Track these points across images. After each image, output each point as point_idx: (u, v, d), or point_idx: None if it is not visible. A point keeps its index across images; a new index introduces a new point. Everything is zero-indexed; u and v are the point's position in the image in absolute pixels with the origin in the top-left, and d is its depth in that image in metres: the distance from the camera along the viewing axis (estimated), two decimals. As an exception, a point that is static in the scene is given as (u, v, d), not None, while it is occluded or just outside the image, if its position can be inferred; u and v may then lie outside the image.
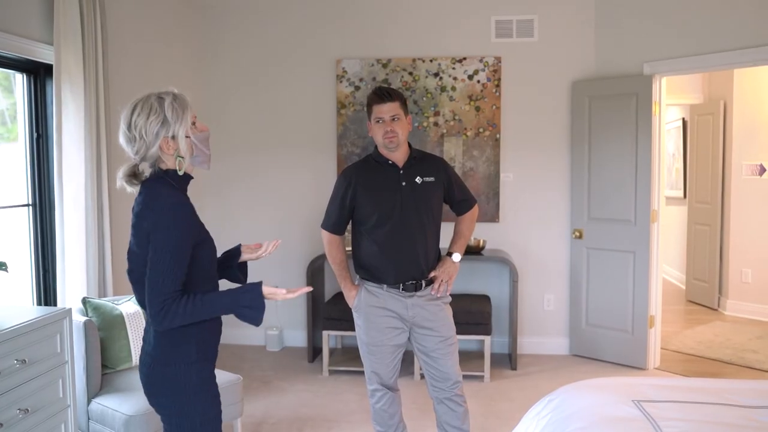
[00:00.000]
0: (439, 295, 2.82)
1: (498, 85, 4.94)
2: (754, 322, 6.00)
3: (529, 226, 5.04)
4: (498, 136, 4.96)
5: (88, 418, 2.97)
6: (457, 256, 2.87)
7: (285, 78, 5.17)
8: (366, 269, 2.85)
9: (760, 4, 4.08)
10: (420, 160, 2.84)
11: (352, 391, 4.25)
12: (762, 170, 6.08)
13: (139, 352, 1.95)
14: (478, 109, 4.96)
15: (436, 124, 5.00)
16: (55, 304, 3.46)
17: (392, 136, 2.71)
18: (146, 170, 1.88)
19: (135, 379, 3.08)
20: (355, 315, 2.92)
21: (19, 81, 3.38)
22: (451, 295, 2.93)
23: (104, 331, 3.15)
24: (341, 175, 2.88)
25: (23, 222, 3.42)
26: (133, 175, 1.87)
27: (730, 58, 4.24)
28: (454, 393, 2.85)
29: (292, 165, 5.21)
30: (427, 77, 4.99)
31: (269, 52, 5.17)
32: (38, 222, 3.45)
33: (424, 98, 4.99)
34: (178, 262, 1.75)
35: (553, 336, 5.08)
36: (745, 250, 6.22)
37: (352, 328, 4.49)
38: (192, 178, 1.94)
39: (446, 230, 3.07)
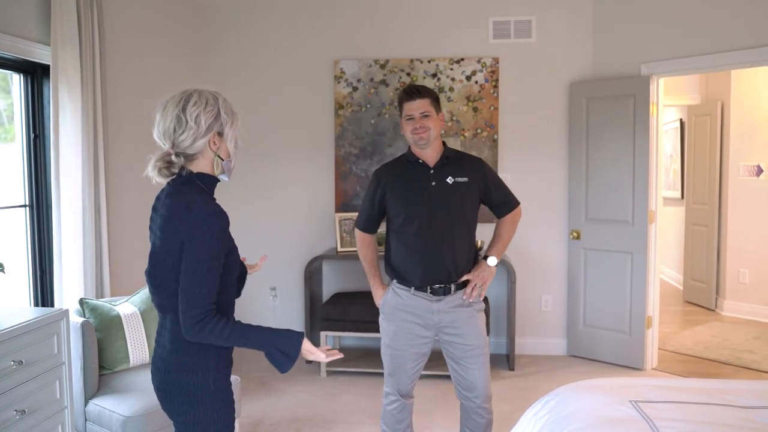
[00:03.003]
0: (471, 300, 2.73)
1: (496, 86, 4.94)
2: (752, 323, 6.01)
3: (527, 226, 5.02)
4: (496, 136, 4.96)
5: (86, 420, 2.96)
6: (493, 260, 2.76)
7: (283, 79, 5.17)
8: (394, 270, 2.79)
9: (756, 6, 4.09)
10: (454, 159, 2.75)
11: (349, 391, 4.25)
12: (759, 171, 6.09)
13: (152, 354, 1.91)
14: (475, 109, 4.96)
15: (433, 124, 4.99)
16: (52, 305, 3.45)
17: (422, 132, 2.65)
18: (178, 164, 1.79)
19: (132, 380, 3.07)
20: (380, 316, 2.86)
21: (16, 81, 3.38)
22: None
23: (101, 332, 3.15)
24: (373, 174, 2.85)
25: (20, 223, 3.41)
26: (168, 164, 1.77)
27: (727, 59, 4.24)
28: (478, 405, 2.76)
29: (290, 166, 5.21)
30: (425, 78, 4.99)
31: (267, 53, 5.17)
32: (35, 223, 3.45)
33: (422, 99, 4.98)
34: (213, 273, 1.71)
35: (550, 337, 5.08)
36: (743, 251, 6.23)
37: (350, 329, 4.54)
38: (218, 181, 1.88)
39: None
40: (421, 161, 2.73)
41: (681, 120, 7.60)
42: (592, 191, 4.81)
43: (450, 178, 2.70)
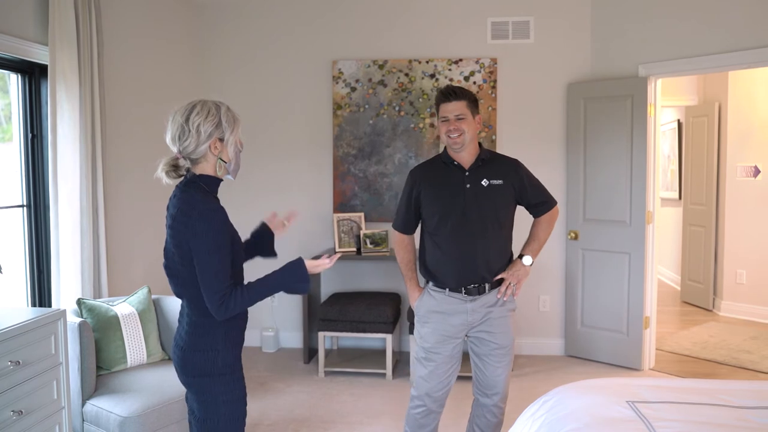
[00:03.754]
0: (505, 299, 2.74)
1: (494, 87, 4.95)
2: (749, 323, 6.02)
3: (525, 227, 5.03)
4: (494, 137, 4.96)
5: (83, 420, 2.96)
6: (528, 259, 2.78)
7: (281, 79, 5.17)
8: (429, 271, 2.78)
9: (754, 7, 4.10)
10: (489, 161, 2.74)
11: (347, 392, 4.25)
12: (756, 172, 6.10)
13: (175, 333, 2.18)
14: (473, 110, 4.96)
15: (432, 125, 5.00)
16: (49, 305, 3.44)
17: (456, 136, 2.64)
18: (184, 167, 2.05)
19: (130, 380, 3.08)
20: (415, 318, 2.86)
21: (14, 81, 3.37)
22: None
23: (99, 332, 3.15)
24: (408, 175, 2.84)
25: (18, 223, 3.41)
26: (174, 167, 2.04)
27: (724, 60, 4.25)
28: (494, 403, 2.79)
29: (288, 166, 5.21)
30: (423, 78, 4.99)
31: (265, 54, 5.17)
32: (33, 223, 3.44)
33: (420, 99, 4.99)
34: (223, 260, 1.96)
35: (548, 337, 5.09)
36: (740, 252, 6.24)
37: (348, 330, 4.54)
38: (222, 181, 2.11)
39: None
40: (456, 163, 2.72)
41: (678, 121, 7.61)
42: (590, 192, 4.82)
43: (485, 180, 2.69)
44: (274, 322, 5.28)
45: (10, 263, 3.20)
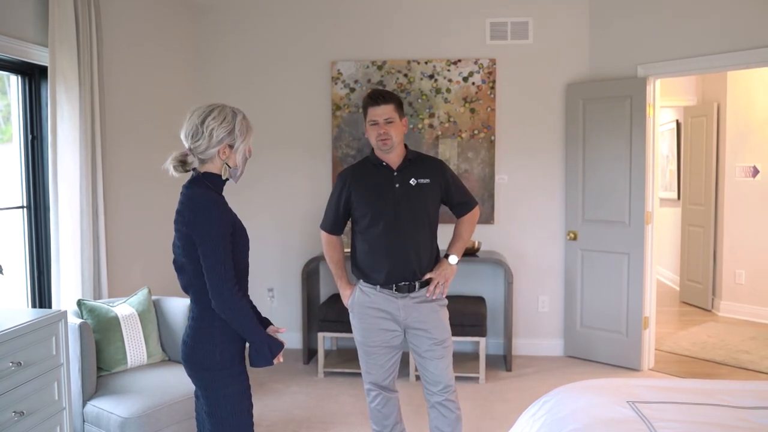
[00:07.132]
0: (434, 298, 2.82)
1: (493, 87, 4.95)
2: (748, 323, 6.03)
3: (524, 227, 5.06)
4: (493, 138, 4.97)
5: (84, 421, 2.96)
6: (453, 258, 2.86)
7: (280, 80, 5.17)
8: (360, 269, 2.88)
9: (752, 7, 4.11)
10: (416, 161, 2.84)
11: (347, 392, 4.25)
12: (755, 172, 6.11)
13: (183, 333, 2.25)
14: (472, 111, 4.97)
15: (431, 125, 5.01)
16: (50, 307, 3.45)
17: (385, 139, 2.72)
18: (192, 163, 2.13)
19: (130, 381, 3.08)
20: (350, 315, 2.95)
21: (14, 82, 3.38)
22: (446, 297, 2.93)
23: (99, 333, 3.15)
24: (338, 177, 2.92)
25: (18, 224, 3.41)
26: (182, 162, 2.11)
27: (723, 61, 4.26)
28: (445, 398, 2.84)
29: (287, 167, 5.21)
30: (422, 79, 5.00)
31: (264, 54, 5.17)
32: (33, 224, 3.44)
33: (419, 100, 5.00)
34: (226, 249, 2.03)
35: (547, 337, 5.09)
36: (739, 252, 6.25)
37: (348, 330, 4.53)
38: (227, 180, 2.19)
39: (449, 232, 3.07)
40: (384, 164, 2.81)
41: (677, 121, 7.62)
42: (589, 192, 4.82)
43: (413, 179, 2.79)
44: (273, 323, 5.27)
45: (10, 264, 3.20)
